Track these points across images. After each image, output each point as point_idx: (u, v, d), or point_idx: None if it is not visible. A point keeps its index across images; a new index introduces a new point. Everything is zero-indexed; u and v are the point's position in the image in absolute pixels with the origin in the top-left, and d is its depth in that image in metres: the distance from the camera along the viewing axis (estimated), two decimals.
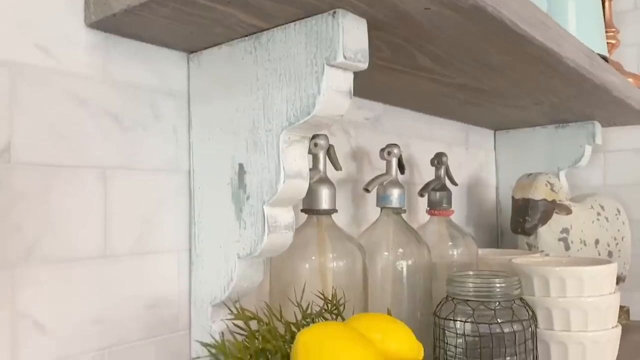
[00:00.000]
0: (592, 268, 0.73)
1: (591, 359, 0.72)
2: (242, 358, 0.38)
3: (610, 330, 0.73)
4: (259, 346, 0.40)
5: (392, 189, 0.73)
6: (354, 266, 0.61)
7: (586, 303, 0.72)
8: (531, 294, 0.75)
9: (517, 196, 1.00)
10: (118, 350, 0.49)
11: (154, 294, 0.52)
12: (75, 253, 0.46)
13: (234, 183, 0.51)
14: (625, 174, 1.26)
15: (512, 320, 0.68)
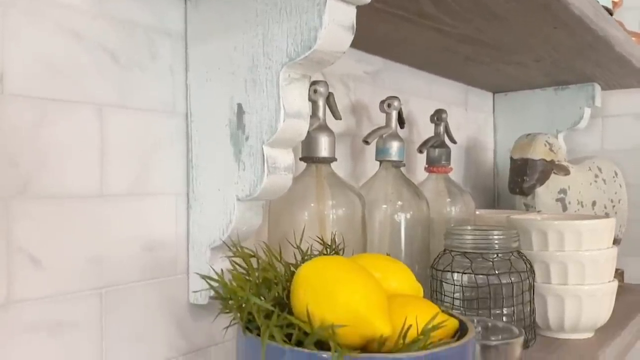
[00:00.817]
0: (591, 222, 0.73)
1: (587, 312, 0.72)
2: (243, 288, 0.38)
3: (607, 284, 0.73)
4: (259, 277, 0.40)
5: (391, 142, 0.72)
6: (353, 214, 0.61)
7: (584, 257, 0.72)
8: (529, 249, 0.75)
9: (515, 156, 0.99)
10: (115, 290, 0.49)
11: (152, 237, 0.52)
12: (71, 190, 0.46)
13: (233, 124, 0.50)
14: (624, 139, 1.26)
15: (510, 272, 0.68)
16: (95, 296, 0.47)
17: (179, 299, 0.54)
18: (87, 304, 0.47)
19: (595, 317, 0.73)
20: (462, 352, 0.39)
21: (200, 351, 0.56)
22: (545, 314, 0.74)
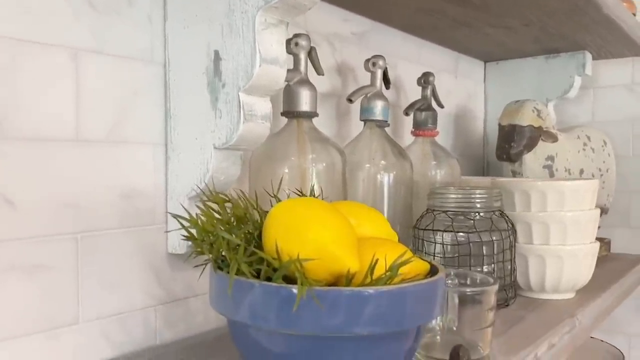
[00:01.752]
0: (574, 182, 0.73)
1: (568, 272, 0.73)
2: (213, 225, 0.38)
3: (588, 245, 0.74)
4: (231, 215, 0.40)
5: (376, 101, 0.72)
6: (333, 169, 0.61)
7: (566, 217, 0.72)
8: (512, 210, 0.75)
9: (503, 122, 0.99)
10: (92, 236, 0.49)
11: (129, 185, 0.52)
12: (47, 133, 0.46)
13: (210, 71, 0.50)
14: (614, 110, 1.25)
15: (491, 230, 0.68)
16: (71, 241, 0.47)
17: (157, 248, 0.55)
18: (63, 248, 0.47)
19: (576, 278, 0.74)
20: (430, 289, 0.39)
21: (180, 302, 0.57)
22: (526, 274, 0.74)
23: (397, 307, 0.37)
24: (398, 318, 0.37)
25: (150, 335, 0.54)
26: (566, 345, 0.63)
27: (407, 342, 0.40)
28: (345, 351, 0.37)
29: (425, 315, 0.39)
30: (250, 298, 0.37)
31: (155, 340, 0.55)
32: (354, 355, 0.37)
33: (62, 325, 0.47)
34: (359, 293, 0.36)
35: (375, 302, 0.36)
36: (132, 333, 0.52)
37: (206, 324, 0.60)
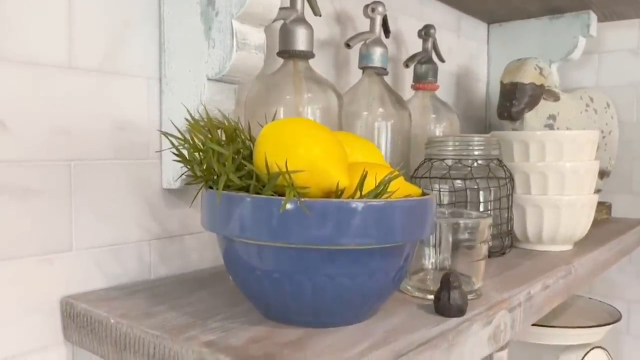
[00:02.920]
0: (572, 132, 0.73)
1: (565, 223, 0.73)
2: (204, 144, 0.38)
3: (586, 196, 0.73)
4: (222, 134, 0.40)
5: (374, 48, 0.71)
6: (329, 110, 0.60)
7: (564, 167, 0.72)
8: (510, 160, 0.75)
9: (505, 80, 0.98)
10: (85, 165, 0.49)
11: (122, 117, 0.52)
12: (38, 57, 0.45)
13: (203, 0, 0.49)
14: (619, 75, 1.24)
15: (489, 177, 0.68)
16: (63, 167, 0.47)
17: (152, 183, 0.55)
18: (55, 175, 0.47)
19: (574, 229, 0.74)
20: (420, 206, 0.39)
21: (175, 238, 0.57)
22: (523, 225, 0.74)
23: (386, 221, 0.36)
24: (386, 232, 0.37)
25: (145, 269, 0.54)
26: (561, 289, 0.62)
27: (396, 261, 0.40)
28: (334, 265, 0.37)
29: (414, 233, 0.39)
30: (240, 211, 0.37)
31: (150, 274, 0.55)
32: (343, 270, 0.37)
33: (55, 251, 0.47)
34: (347, 204, 0.35)
35: (364, 215, 0.36)
36: (126, 265, 0.53)
37: (201, 263, 0.60)
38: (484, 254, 0.51)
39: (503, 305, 0.49)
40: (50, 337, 0.47)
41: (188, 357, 0.37)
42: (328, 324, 0.41)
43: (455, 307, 0.44)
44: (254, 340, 0.38)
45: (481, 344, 0.45)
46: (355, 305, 0.40)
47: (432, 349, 0.38)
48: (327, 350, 0.36)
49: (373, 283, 0.39)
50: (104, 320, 0.43)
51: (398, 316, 0.44)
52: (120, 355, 0.42)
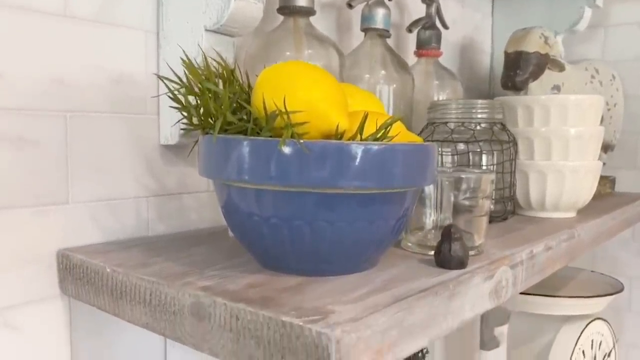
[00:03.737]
0: (577, 97, 0.71)
1: (569, 189, 0.72)
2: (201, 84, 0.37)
3: (590, 162, 0.72)
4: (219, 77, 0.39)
5: (377, 9, 0.70)
6: (330, 64, 0.59)
7: (569, 132, 0.71)
8: (514, 126, 0.74)
9: (509, 50, 0.96)
10: (81, 117, 0.48)
11: (119, 70, 0.51)
12: (32, 4, 0.44)
13: None
14: (625, 49, 1.22)
15: (492, 140, 0.67)
16: (59, 118, 0.47)
17: (149, 139, 0.54)
18: (50, 125, 0.46)
19: (577, 196, 0.73)
20: (421, 152, 0.38)
21: (173, 196, 0.56)
22: (526, 192, 0.73)
23: (386, 164, 0.36)
24: (386, 176, 0.36)
25: (143, 226, 0.54)
26: (563, 253, 0.62)
27: (397, 208, 0.39)
28: (333, 210, 0.36)
29: (415, 179, 0.38)
30: (237, 154, 0.36)
31: (148, 231, 0.54)
32: (342, 216, 0.37)
33: (51, 203, 0.47)
34: (347, 146, 0.35)
35: (364, 157, 0.35)
36: (123, 221, 0.52)
37: (201, 223, 0.59)
38: (486, 210, 0.50)
39: (505, 262, 0.48)
40: (46, 289, 0.47)
41: (185, 301, 0.36)
42: (327, 273, 0.40)
43: (456, 259, 0.43)
44: (252, 286, 0.37)
45: (482, 297, 0.44)
46: (355, 254, 0.40)
47: (433, 295, 0.37)
48: (325, 294, 0.36)
49: (373, 230, 0.38)
50: (100, 270, 0.43)
51: (398, 268, 0.44)
52: (117, 304, 0.42)
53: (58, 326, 0.48)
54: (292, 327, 0.31)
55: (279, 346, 0.32)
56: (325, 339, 0.29)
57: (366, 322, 0.32)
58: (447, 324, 0.39)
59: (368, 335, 0.32)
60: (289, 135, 0.33)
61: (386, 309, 0.33)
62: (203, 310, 0.35)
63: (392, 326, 0.34)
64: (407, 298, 0.36)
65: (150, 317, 0.39)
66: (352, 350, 0.30)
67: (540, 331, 0.90)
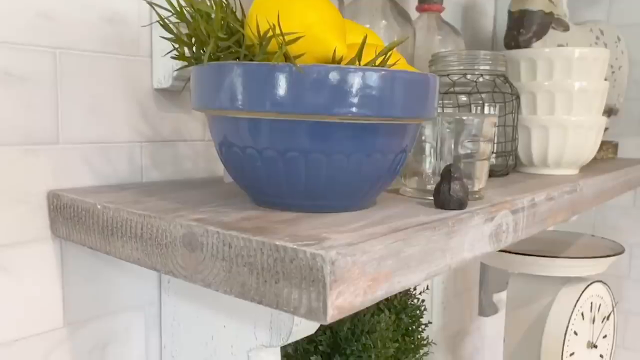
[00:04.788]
0: (582, 49, 0.70)
1: (572, 145, 0.71)
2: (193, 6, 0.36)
3: (594, 117, 0.71)
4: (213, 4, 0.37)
5: None
6: None
7: (573, 87, 0.69)
8: (517, 80, 0.72)
9: (513, 9, 0.94)
10: (71, 54, 0.47)
11: (111, 9, 0.49)
12: None
13: None
14: (631, 12, 1.20)
15: (494, 92, 0.65)
16: (48, 54, 0.45)
17: (142, 82, 0.52)
18: (39, 61, 0.45)
19: (580, 152, 0.71)
20: (421, 81, 0.37)
21: (167, 143, 0.55)
22: (528, 148, 0.72)
23: (385, 91, 0.34)
24: (385, 104, 0.35)
25: (136, 172, 0.53)
26: (565, 205, 0.61)
27: (396, 142, 0.38)
28: (329, 141, 0.35)
29: (415, 109, 0.37)
30: (230, 81, 0.35)
31: (142, 177, 0.53)
32: (338, 147, 0.35)
33: (40, 142, 0.45)
34: (344, 70, 0.33)
35: (362, 83, 0.33)
36: (116, 166, 0.51)
37: (195, 172, 0.58)
38: (487, 154, 0.49)
39: (506, 206, 0.47)
40: (37, 231, 0.46)
41: (176, 233, 0.35)
42: (323, 209, 0.39)
43: (456, 199, 0.42)
44: (246, 219, 0.36)
45: (482, 238, 0.43)
46: (351, 189, 0.38)
47: (431, 230, 0.36)
48: (321, 225, 0.35)
49: (370, 164, 0.37)
50: (90, 208, 0.42)
51: (396, 208, 0.43)
52: (108, 241, 0.41)
53: (50, 269, 0.47)
54: (286, 250, 0.30)
55: (272, 271, 0.31)
56: (320, 260, 0.28)
57: (362, 248, 0.31)
58: (445, 261, 0.39)
59: (364, 261, 0.31)
60: (282, 54, 0.32)
61: (383, 237, 0.32)
62: (195, 241, 0.34)
63: (389, 255, 0.33)
64: (404, 229, 0.35)
65: (142, 252, 0.38)
66: (347, 274, 0.29)
67: (539, 293, 0.90)
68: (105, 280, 0.51)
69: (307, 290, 0.29)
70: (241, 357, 0.48)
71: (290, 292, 0.30)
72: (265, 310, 0.45)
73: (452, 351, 1.15)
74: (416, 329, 0.69)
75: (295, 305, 0.30)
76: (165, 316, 0.55)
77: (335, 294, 0.29)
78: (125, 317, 0.53)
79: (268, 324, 0.45)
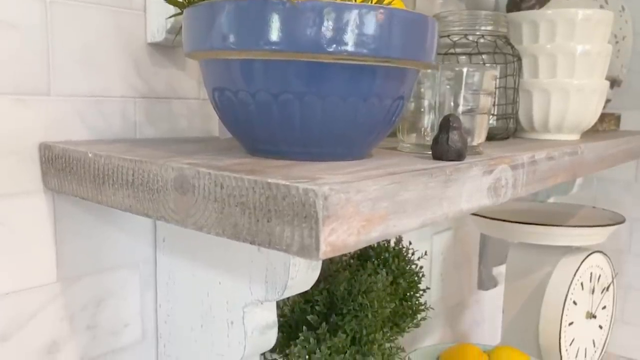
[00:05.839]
0: (586, 11, 0.68)
1: (573, 109, 0.70)
2: None
3: (596, 81, 0.70)
4: None
5: None
6: None
7: (575, 49, 0.68)
8: (519, 43, 0.71)
9: None
10: (62, 3, 0.45)
11: None
12: None
13: None
14: None
15: (495, 52, 0.64)
16: (38, 2, 0.44)
17: (136, 37, 0.51)
18: (28, 8, 0.44)
19: (581, 116, 0.70)
20: (419, 22, 0.36)
21: (162, 100, 0.54)
22: (529, 112, 0.71)
23: (382, 29, 0.33)
24: (382, 43, 0.34)
25: (130, 128, 0.52)
26: (566, 166, 0.60)
27: (393, 86, 0.37)
28: (324, 82, 0.34)
29: (413, 51, 0.36)
30: (222, 19, 0.34)
31: (136, 134, 0.52)
32: (334, 89, 0.35)
33: (31, 92, 0.45)
34: (340, 5, 0.32)
35: (358, 19, 0.32)
36: (109, 120, 0.50)
37: (190, 131, 0.57)
38: (488, 108, 0.48)
39: (505, 161, 0.46)
40: (29, 183, 0.45)
41: (168, 176, 0.35)
42: (318, 157, 0.38)
43: (454, 149, 0.41)
44: (239, 164, 0.36)
45: (480, 190, 0.42)
46: (347, 135, 0.38)
47: (428, 176, 0.36)
48: (315, 170, 0.34)
49: (366, 109, 0.36)
50: (82, 157, 0.41)
51: (393, 159, 0.42)
52: (99, 190, 0.40)
53: (43, 223, 0.46)
54: (278, 187, 0.29)
55: (264, 210, 0.30)
56: (313, 195, 0.28)
57: (356, 187, 0.30)
58: (443, 210, 0.38)
59: (358, 200, 0.30)
60: None
61: (378, 178, 0.32)
62: (187, 183, 0.34)
63: (384, 197, 0.32)
64: (401, 173, 0.34)
65: (134, 198, 0.37)
66: (340, 212, 0.29)
67: (539, 263, 0.89)
68: (99, 236, 0.50)
69: (300, 227, 0.29)
70: (237, 313, 0.48)
71: (282, 229, 0.29)
72: (260, 265, 0.45)
73: (450, 323, 1.16)
74: (414, 295, 0.69)
75: (288, 243, 0.29)
76: (161, 275, 0.54)
77: (327, 230, 0.28)
78: (120, 275, 0.52)
79: (263, 278, 0.45)
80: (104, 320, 0.52)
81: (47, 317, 0.47)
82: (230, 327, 0.48)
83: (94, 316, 0.51)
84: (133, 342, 0.54)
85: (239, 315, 0.47)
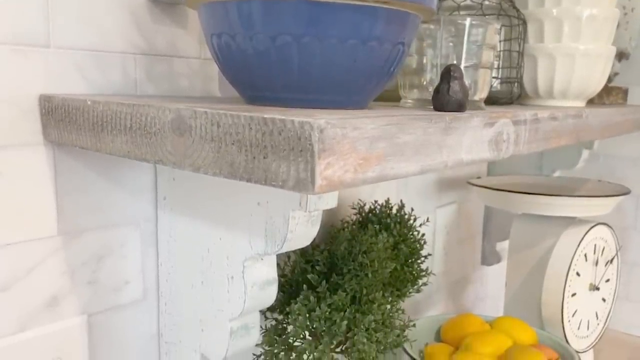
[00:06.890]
0: None
1: (579, 74, 0.69)
2: None
3: (602, 46, 0.69)
4: None
5: None
6: None
7: (582, 13, 0.67)
8: (524, 8, 0.70)
9: None
10: None
11: None
12: None
13: None
14: None
15: (499, 14, 0.64)
16: None
17: None
18: None
19: (587, 82, 0.70)
20: None
21: (162, 58, 0.54)
22: (534, 78, 0.70)
23: None
24: None
25: (130, 84, 0.52)
26: (569, 129, 0.59)
27: (394, 31, 0.36)
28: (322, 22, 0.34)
29: None
30: None
31: (136, 90, 0.52)
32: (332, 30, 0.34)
33: (30, 43, 0.44)
34: None
35: None
36: (109, 76, 0.50)
37: (192, 91, 0.57)
38: (490, 63, 0.48)
39: (507, 115, 0.46)
40: (29, 135, 0.45)
41: (165, 118, 0.35)
42: (316, 105, 0.38)
43: (455, 99, 0.41)
44: (237, 108, 0.35)
45: (481, 143, 0.42)
46: (345, 81, 0.37)
47: (427, 121, 0.35)
48: (312, 112, 0.34)
49: (366, 53, 0.36)
50: (80, 106, 0.41)
51: (395, 112, 0.41)
52: (98, 138, 0.40)
53: (44, 176, 0.46)
54: (275, 122, 0.29)
55: (260, 146, 0.30)
56: (308, 128, 0.28)
57: (353, 124, 0.30)
58: (442, 158, 0.38)
59: (355, 137, 0.30)
60: None
61: (376, 118, 0.31)
62: (184, 124, 0.34)
63: (382, 137, 0.32)
64: (400, 116, 0.34)
65: (132, 144, 0.37)
66: (336, 146, 0.29)
67: (542, 234, 0.89)
68: (100, 193, 0.50)
69: (296, 162, 0.28)
70: (237, 267, 0.48)
71: (278, 165, 0.29)
72: (260, 219, 0.45)
73: (453, 298, 1.16)
74: (415, 261, 0.69)
75: (284, 179, 0.29)
76: (162, 233, 0.54)
77: (323, 164, 0.28)
78: (121, 232, 0.52)
79: (263, 232, 0.45)
80: (105, 276, 0.52)
81: (48, 271, 0.47)
82: (230, 282, 0.48)
83: (94, 272, 0.51)
84: (134, 300, 0.54)
85: (239, 270, 0.47)
